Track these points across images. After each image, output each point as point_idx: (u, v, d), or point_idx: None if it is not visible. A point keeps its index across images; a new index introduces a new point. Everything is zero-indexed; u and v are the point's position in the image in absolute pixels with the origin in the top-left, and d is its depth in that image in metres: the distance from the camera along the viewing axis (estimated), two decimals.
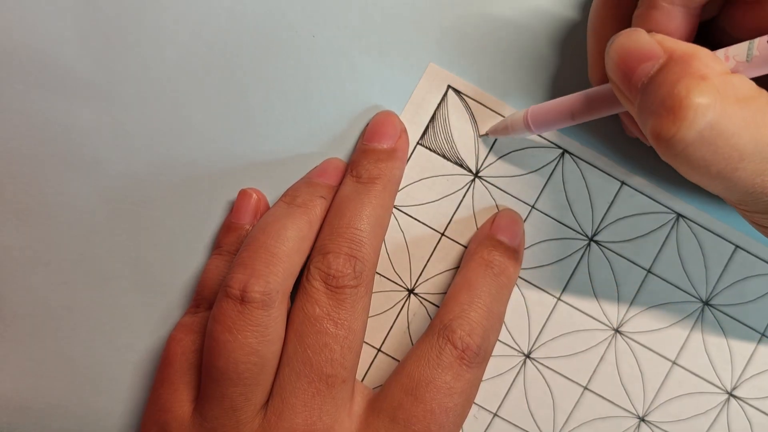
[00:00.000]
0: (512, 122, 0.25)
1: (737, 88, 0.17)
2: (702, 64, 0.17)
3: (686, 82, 0.17)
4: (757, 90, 0.18)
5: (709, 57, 0.18)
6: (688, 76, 0.17)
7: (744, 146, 0.17)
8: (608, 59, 0.20)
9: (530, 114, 0.24)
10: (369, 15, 0.26)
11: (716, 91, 0.17)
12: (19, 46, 0.26)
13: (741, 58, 0.17)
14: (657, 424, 0.27)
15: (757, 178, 0.18)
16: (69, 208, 0.27)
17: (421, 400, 0.24)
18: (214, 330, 0.23)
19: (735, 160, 0.17)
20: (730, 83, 0.17)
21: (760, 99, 0.18)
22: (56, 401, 0.28)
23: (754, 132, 0.17)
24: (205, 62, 0.27)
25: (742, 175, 0.18)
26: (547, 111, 0.23)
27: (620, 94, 0.20)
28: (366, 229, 0.24)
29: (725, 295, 0.27)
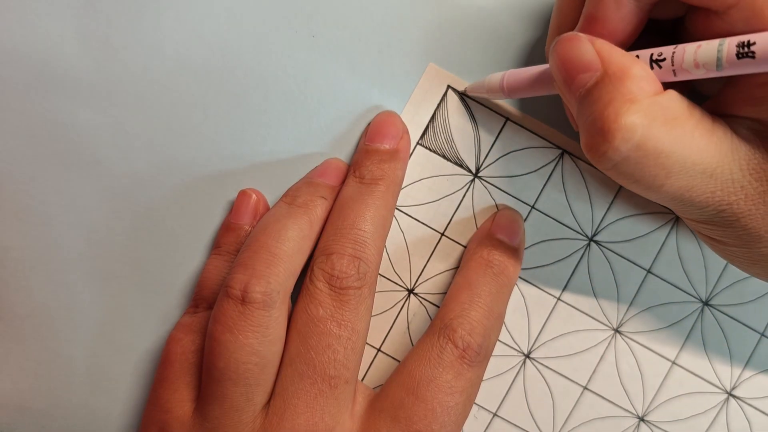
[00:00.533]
0: (489, 83, 0.25)
1: (666, 108, 0.18)
2: (633, 84, 0.18)
3: (615, 105, 0.18)
4: (688, 109, 0.19)
5: (642, 76, 0.18)
6: (618, 98, 0.18)
7: (671, 165, 0.18)
8: (551, 61, 0.21)
9: (506, 77, 0.24)
10: (369, 15, 0.26)
11: (644, 113, 0.18)
12: (19, 46, 0.26)
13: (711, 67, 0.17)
14: (657, 423, 0.27)
15: (685, 192, 0.19)
16: (69, 208, 0.27)
17: (423, 399, 0.24)
18: (214, 330, 0.23)
19: (662, 177, 0.19)
20: (659, 104, 0.18)
21: (689, 119, 0.18)
22: (56, 401, 0.28)
23: (681, 152, 0.18)
24: (205, 62, 0.26)
25: (670, 189, 0.19)
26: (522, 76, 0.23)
27: (561, 93, 0.21)
28: (370, 230, 0.24)
29: (725, 295, 0.27)
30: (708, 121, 0.19)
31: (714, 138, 0.19)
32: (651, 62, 0.19)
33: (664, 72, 0.19)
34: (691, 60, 0.18)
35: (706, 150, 0.18)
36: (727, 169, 0.19)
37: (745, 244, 0.20)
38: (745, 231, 0.20)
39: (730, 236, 0.20)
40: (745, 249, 0.21)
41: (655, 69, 0.19)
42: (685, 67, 0.18)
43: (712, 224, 0.20)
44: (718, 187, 0.19)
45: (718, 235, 0.21)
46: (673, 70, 0.18)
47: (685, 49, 0.18)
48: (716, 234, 0.21)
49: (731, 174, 0.19)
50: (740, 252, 0.21)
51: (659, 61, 0.19)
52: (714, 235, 0.21)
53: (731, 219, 0.19)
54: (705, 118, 0.19)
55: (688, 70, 0.18)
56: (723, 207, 0.19)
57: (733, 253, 0.21)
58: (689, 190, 0.19)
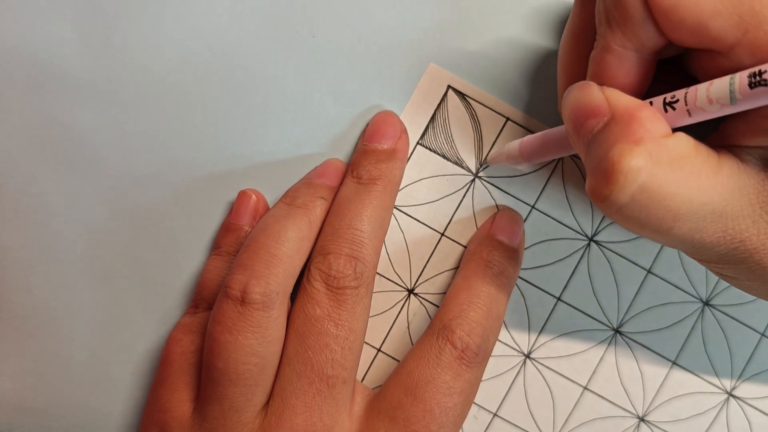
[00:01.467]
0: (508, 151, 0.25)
1: (671, 149, 0.18)
2: (640, 127, 0.18)
3: (620, 147, 0.18)
4: (694, 149, 0.18)
5: (649, 118, 0.18)
6: (623, 140, 0.18)
7: (678, 207, 0.18)
8: (563, 111, 0.20)
9: (522, 144, 0.24)
10: (369, 15, 0.26)
11: (648, 155, 0.17)
12: (19, 46, 0.26)
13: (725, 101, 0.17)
14: (657, 423, 0.27)
15: (696, 234, 0.18)
16: (69, 208, 0.27)
17: (421, 400, 0.24)
18: (214, 331, 0.23)
19: (669, 220, 0.18)
20: (665, 145, 0.18)
21: (695, 159, 0.18)
22: (56, 401, 0.28)
23: (687, 193, 0.18)
24: (205, 62, 0.26)
25: (678, 232, 0.18)
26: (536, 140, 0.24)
27: (573, 144, 0.20)
28: (367, 230, 0.24)
29: (725, 295, 0.27)
30: (714, 159, 0.18)
31: (721, 176, 0.18)
32: (664, 105, 0.19)
33: (679, 113, 0.18)
34: (704, 97, 0.17)
35: (713, 189, 0.18)
36: (736, 206, 0.18)
37: (760, 278, 0.20)
38: (759, 266, 0.19)
39: (744, 272, 0.20)
40: (759, 283, 0.20)
41: (669, 112, 0.18)
42: (698, 105, 0.18)
43: (725, 263, 0.20)
44: (729, 225, 0.18)
45: (731, 273, 0.21)
46: (687, 110, 0.18)
47: (698, 88, 0.18)
48: (729, 272, 0.21)
49: (741, 210, 0.18)
50: (755, 285, 0.21)
51: (672, 103, 0.18)
52: (728, 273, 0.21)
53: (744, 255, 0.19)
54: (711, 155, 0.18)
55: (703, 108, 0.18)
56: (735, 244, 0.19)
57: (748, 287, 0.21)
58: (699, 232, 0.18)
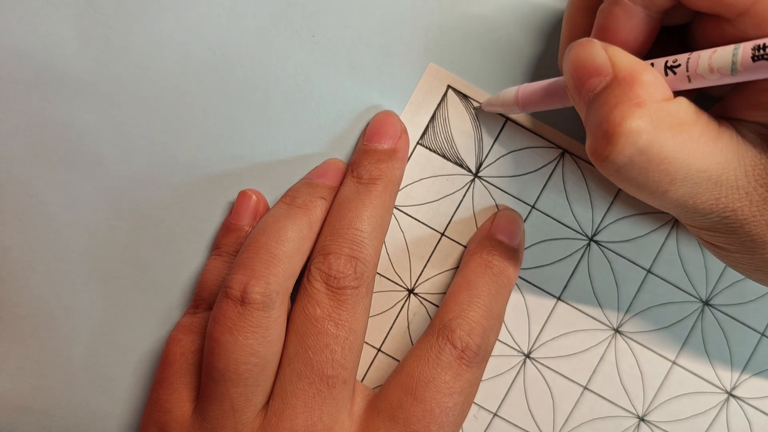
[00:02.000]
0: (504, 98, 0.25)
1: (673, 114, 0.18)
2: (642, 89, 0.18)
3: (622, 108, 0.18)
4: (695, 115, 0.18)
5: (651, 82, 0.18)
6: (625, 102, 0.18)
7: (675, 171, 0.18)
8: (564, 66, 0.20)
9: (520, 91, 0.24)
10: (369, 15, 0.26)
11: (649, 118, 0.18)
12: (19, 46, 0.26)
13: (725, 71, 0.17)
14: (657, 423, 0.27)
15: (689, 199, 0.19)
16: (69, 208, 0.27)
17: (421, 400, 0.24)
18: (214, 331, 0.23)
19: (666, 183, 0.18)
20: (666, 110, 0.18)
21: (695, 125, 0.18)
22: (56, 401, 0.28)
23: (685, 158, 0.18)
24: (205, 62, 0.26)
25: (673, 196, 0.19)
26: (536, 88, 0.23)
27: (573, 100, 0.20)
28: (367, 230, 0.24)
29: (725, 295, 0.27)
30: (714, 127, 0.19)
31: (720, 144, 0.18)
32: (665, 69, 0.19)
33: (679, 78, 0.18)
34: (706, 65, 0.18)
35: (711, 156, 0.18)
36: (732, 176, 0.18)
37: (749, 250, 0.20)
38: (748, 237, 0.19)
39: (734, 242, 0.20)
40: (749, 255, 0.20)
41: (669, 76, 0.19)
42: (699, 72, 0.18)
43: (716, 231, 0.20)
44: (723, 194, 0.19)
45: (721, 242, 0.21)
46: (687, 75, 0.18)
47: (700, 55, 0.18)
48: (719, 241, 0.21)
49: (736, 180, 0.19)
50: (743, 258, 0.21)
51: (674, 67, 0.18)
52: (717, 242, 0.21)
53: (735, 225, 0.19)
54: (711, 123, 0.19)
55: (703, 76, 0.18)
56: (727, 213, 0.19)
57: (735, 259, 0.21)
58: (693, 197, 0.19)
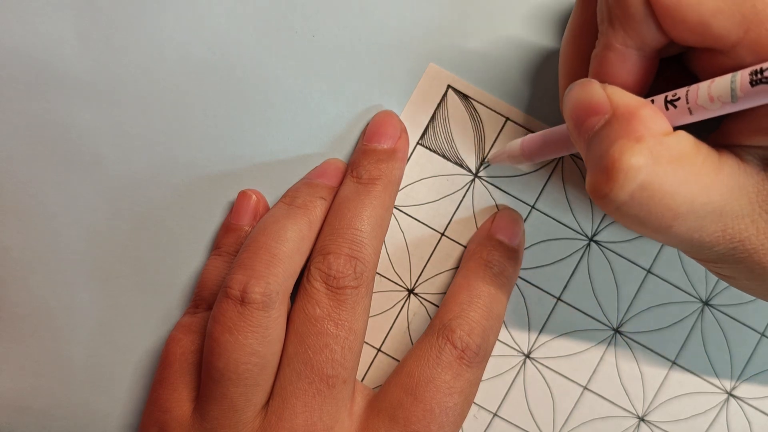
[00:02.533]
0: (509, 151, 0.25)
1: (672, 147, 0.18)
2: (641, 125, 0.18)
3: (621, 144, 0.17)
4: (695, 147, 0.18)
5: (650, 117, 0.18)
6: (624, 137, 0.18)
7: (678, 206, 0.18)
8: (564, 108, 0.20)
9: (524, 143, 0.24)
10: (369, 15, 0.26)
11: (649, 153, 0.17)
12: (19, 46, 0.26)
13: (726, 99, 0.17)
14: (657, 423, 0.27)
15: (695, 234, 0.18)
16: (69, 208, 0.27)
17: (421, 400, 0.24)
18: (214, 330, 0.23)
19: (669, 219, 0.18)
20: (665, 144, 0.18)
21: (696, 157, 0.18)
22: (56, 401, 0.28)
23: (687, 191, 0.18)
24: (205, 62, 0.26)
25: (678, 231, 0.18)
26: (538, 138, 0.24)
27: (574, 142, 0.20)
28: (366, 230, 0.24)
29: (725, 295, 0.27)
30: (715, 158, 0.18)
31: (721, 174, 0.18)
32: (666, 103, 0.19)
33: (680, 111, 0.18)
34: (705, 95, 0.17)
35: (714, 188, 0.18)
36: (736, 206, 0.18)
37: (759, 278, 0.20)
38: (758, 265, 0.19)
39: (743, 272, 0.20)
40: (759, 282, 0.20)
41: (670, 110, 0.18)
42: (700, 103, 0.18)
43: (723, 262, 0.20)
44: (729, 225, 0.18)
45: (730, 273, 0.20)
46: (688, 108, 0.18)
47: (699, 86, 0.18)
48: (728, 272, 0.20)
49: (741, 210, 0.18)
50: (753, 285, 0.21)
51: (674, 101, 0.18)
52: (726, 273, 0.21)
53: (743, 255, 0.19)
54: (712, 154, 0.18)
55: (704, 106, 0.18)
56: (734, 244, 0.19)
57: (746, 286, 0.21)
58: (698, 231, 0.18)
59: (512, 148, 0.25)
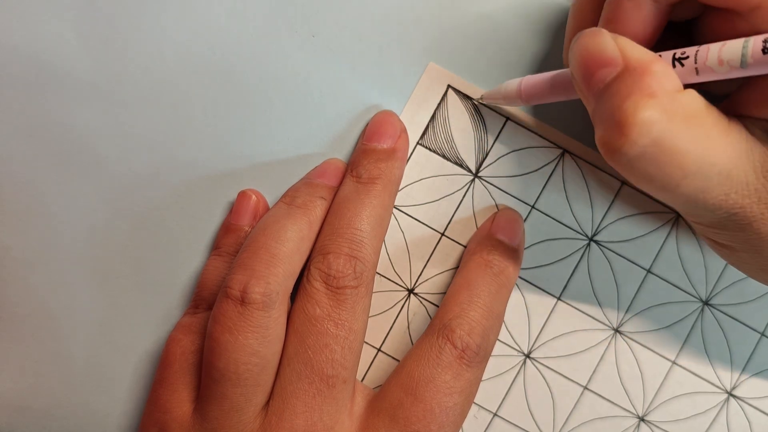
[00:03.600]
0: (506, 90, 0.25)
1: (685, 106, 0.18)
2: (654, 80, 0.18)
3: (634, 99, 0.17)
4: (706, 107, 0.18)
5: (662, 73, 0.18)
6: (637, 92, 0.18)
7: (688, 164, 0.18)
8: (571, 57, 0.20)
9: (523, 83, 0.24)
10: (369, 15, 0.26)
11: (662, 109, 0.17)
12: (19, 46, 0.26)
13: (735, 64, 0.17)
14: (657, 423, 0.27)
15: (700, 194, 0.18)
16: (69, 208, 0.27)
17: (421, 400, 0.24)
18: (214, 331, 0.23)
19: (678, 177, 0.18)
20: (678, 101, 0.18)
21: (707, 118, 0.18)
22: (56, 401, 0.28)
23: (698, 150, 0.18)
24: (205, 62, 0.27)
25: (685, 191, 0.18)
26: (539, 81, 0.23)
27: (580, 92, 0.20)
28: (366, 230, 0.24)
29: (725, 295, 0.27)
30: (724, 121, 0.18)
31: (730, 138, 0.18)
32: (673, 61, 0.19)
33: (687, 70, 0.18)
34: (715, 57, 0.17)
35: (722, 150, 0.18)
36: (742, 171, 0.18)
37: (755, 249, 0.20)
38: (756, 235, 0.19)
39: (740, 241, 0.20)
40: (755, 254, 0.20)
41: (677, 68, 0.18)
42: (708, 64, 0.18)
43: (722, 228, 0.20)
44: (733, 189, 0.18)
45: (727, 240, 0.21)
46: (695, 68, 0.18)
47: (710, 47, 0.18)
48: (725, 239, 0.21)
49: (746, 176, 0.18)
50: (749, 257, 0.21)
51: (682, 59, 0.18)
52: (723, 240, 0.21)
53: (743, 223, 0.19)
54: (721, 117, 0.18)
55: (712, 68, 0.18)
56: (736, 210, 0.19)
57: (741, 258, 0.21)
58: (704, 192, 0.18)
59: (509, 89, 0.24)
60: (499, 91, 0.25)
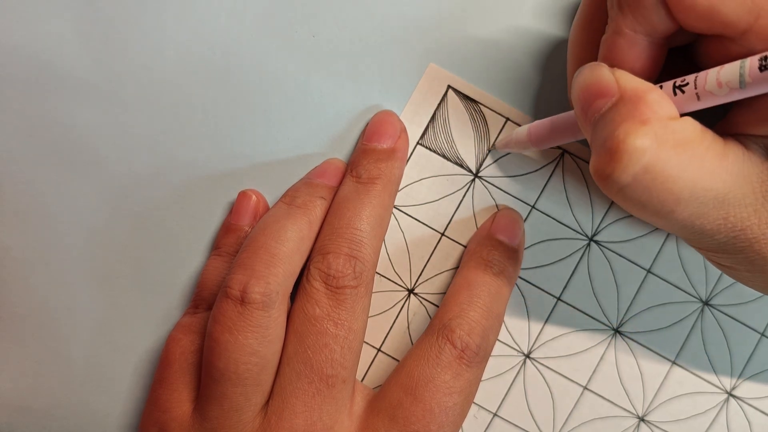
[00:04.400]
0: (516, 137, 0.25)
1: (677, 132, 0.18)
2: (647, 108, 0.18)
3: (626, 126, 0.18)
4: (700, 133, 0.18)
5: (657, 101, 0.18)
6: (630, 120, 0.18)
7: (680, 191, 0.18)
8: (572, 91, 0.20)
9: (531, 129, 0.24)
10: (369, 15, 0.26)
11: (654, 136, 0.17)
12: (19, 46, 0.26)
13: (734, 85, 0.17)
14: (656, 423, 0.27)
15: (696, 220, 0.18)
16: (69, 208, 0.27)
17: (421, 400, 0.24)
18: (214, 330, 0.23)
19: (671, 203, 0.18)
20: (671, 128, 0.18)
21: (701, 143, 0.18)
22: (56, 401, 0.28)
23: (690, 176, 0.18)
24: (205, 62, 0.27)
25: (680, 216, 0.18)
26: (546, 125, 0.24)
27: (580, 124, 0.20)
28: (366, 229, 0.24)
29: (725, 295, 0.27)
30: (720, 144, 0.18)
31: (726, 162, 0.18)
32: (674, 89, 0.19)
33: (688, 97, 0.18)
34: (714, 81, 0.17)
35: (717, 174, 0.18)
36: (739, 194, 0.18)
37: (759, 269, 0.20)
38: (759, 256, 0.19)
39: (743, 262, 0.20)
40: (759, 274, 0.20)
41: (678, 96, 0.18)
42: (708, 89, 0.18)
43: (724, 252, 0.20)
44: (731, 213, 0.18)
45: (730, 263, 0.20)
46: (696, 93, 0.18)
47: (708, 72, 0.18)
48: (728, 261, 0.20)
49: (743, 198, 0.18)
50: (753, 277, 0.20)
51: (682, 86, 0.18)
52: (726, 263, 0.21)
53: (744, 245, 0.19)
54: (717, 141, 0.18)
55: (712, 92, 0.18)
56: (736, 233, 0.19)
57: (745, 277, 0.21)
58: (700, 218, 0.18)
59: (519, 135, 0.25)
60: (511, 138, 0.25)
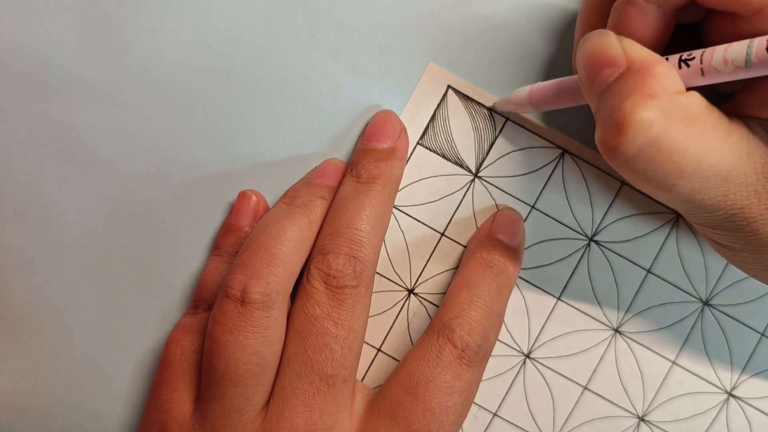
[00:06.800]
0: (517, 97, 0.25)
1: (685, 107, 0.18)
2: (655, 81, 0.18)
3: (634, 99, 0.18)
4: (707, 109, 0.18)
5: (664, 74, 0.18)
6: (637, 92, 0.18)
7: (684, 165, 0.18)
8: (577, 57, 0.20)
9: (533, 90, 0.24)
10: (369, 15, 0.26)
11: (661, 109, 0.18)
12: (19, 46, 0.26)
13: (739, 63, 0.17)
14: (657, 423, 0.27)
15: (697, 195, 0.19)
16: (69, 208, 0.27)
17: (421, 399, 0.24)
18: (214, 331, 0.23)
19: (674, 177, 0.18)
20: (678, 102, 0.18)
21: (707, 119, 0.18)
22: (56, 401, 0.28)
23: (695, 151, 0.18)
24: (205, 62, 0.27)
25: (682, 190, 0.19)
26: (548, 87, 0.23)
27: (585, 92, 0.20)
28: (366, 229, 0.24)
29: (725, 295, 0.27)
30: (725, 123, 0.19)
31: (730, 140, 0.18)
32: (679, 62, 0.19)
33: (692, 71, 0.18)
34: (720, 58, 0.18)
35: (721, 151, 0.18)
36: (741, 172, 0.18)
37: (756, 249, 0.20)
38: (756, 236, 0.19)
39: (740, 241, 0.20)
40: (755, 255, 0.20)
41: (683, 69, 0.19)
42: (713, 65, 0.18)
43: (722, 229, 0.20)
44: (731, 190, 0.18)
45: (727, 241, 0.21)
46: (701, 68, 0.18)
47: (715, 49, 0.18)
48: (725, 239, 0.21)
49: (745, 177, 0.18)
50: (749, 257, 0.21)
51: (688, 60, 0.18)
52: (723, 241, 0.21)
53: (742, 223, 0.19)
54: (722, 119, 0.19)
55: (717, 69, 0.18)
56: (735, 211, 0.19)
57: (741, 258, 0.21)
58: (701, 192, 0.19)
59: (519, 96, 0.25)
60: (510, 98, 0.25)
